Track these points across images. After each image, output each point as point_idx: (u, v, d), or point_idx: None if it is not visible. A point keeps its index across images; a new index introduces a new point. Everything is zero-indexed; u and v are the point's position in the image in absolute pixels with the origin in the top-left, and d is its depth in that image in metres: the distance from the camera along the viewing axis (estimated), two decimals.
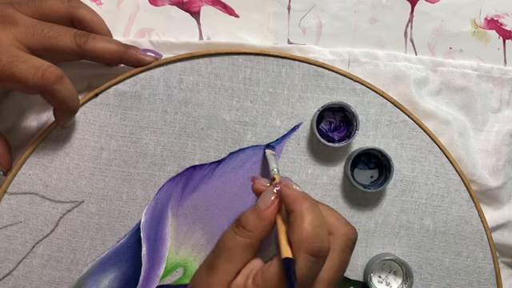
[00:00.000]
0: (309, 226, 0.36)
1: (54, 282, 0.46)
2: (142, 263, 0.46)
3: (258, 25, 0.50)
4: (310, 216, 0.36)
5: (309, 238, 0.36)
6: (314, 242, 0.36)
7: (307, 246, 0.36)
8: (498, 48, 0.51)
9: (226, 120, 0.47)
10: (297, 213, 0.37)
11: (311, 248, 0.36)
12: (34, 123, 0.47)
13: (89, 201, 0.46)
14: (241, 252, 0.38)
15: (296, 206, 0.37)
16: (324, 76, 0.47)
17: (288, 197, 0.38)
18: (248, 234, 0.38)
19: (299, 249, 0.36)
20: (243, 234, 0.38)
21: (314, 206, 0.37)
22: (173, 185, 0.47)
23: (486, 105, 0.50)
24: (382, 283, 0.47)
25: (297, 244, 0.36)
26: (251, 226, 0.38)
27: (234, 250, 0.38)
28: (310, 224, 0.36)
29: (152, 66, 0.46)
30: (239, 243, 0.38)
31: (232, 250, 0.38)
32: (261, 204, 0.39)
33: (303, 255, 0.36)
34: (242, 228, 0.38)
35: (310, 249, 0.36)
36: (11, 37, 0.41)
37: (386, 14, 0.50)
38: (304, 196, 0.38)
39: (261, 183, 0.42)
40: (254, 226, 0.38)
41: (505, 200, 0.50)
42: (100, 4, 0.49)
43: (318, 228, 0.36)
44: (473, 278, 0.48)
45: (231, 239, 0.39)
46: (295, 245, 0.36)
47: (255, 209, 0.39)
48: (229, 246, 0.38)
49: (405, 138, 0.48)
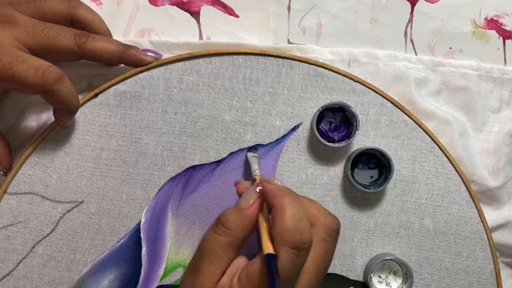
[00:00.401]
0: (289, 219, 0.35)
1: (54, 282, 0.46)
2: (141, 263, 0.46)
3: (258, 25, 0.50)
4: (290, 209, 0.36)
5: (289, 231, 0.35)
6: (294, 235, 0.35)
7: (288, 239, 0.35)
8: (498, 48, 0.51)
9: (226, 120, 0.47)
10: (277, 207, 0.36)
11: (292, 241, 0.35)
12: (33, 123, 0.47)
13: (89, 201, 0.46)
14: (222, 252, 0.37)
15: (276, 200, 0.37)
16: (324, 76, 0.47)
17: (269, 192, 0.38)
18: (228, 232, 0.37)
19: (280, 243, 0.35)
20: (223, 233, 0.38)
21: (294, 199, 0.37)
22: (173, 185, 0.47)
23: (486, 105, 0.50)
24: (381, 283, 0.47)
25: (278, 238, 0.35)
26: (232, 224, 0.38)
27: (216, 251, 0.37)
28: (291, 217, 0.36)
29: (152, 66, 0.46)
30: (220, 242, 0.37)
31: (213, 250, 0.37)
32: (242, 203, 0.38)
33: (284, 249, 0.35)
34: (222, 226, 0.38)
35: (290, 242, 0.35)
36: (11, 37, 0.41)
37: (386, 14, 0.50)
38: (284, 190, 0.38)
39: (243, 186, 0.42)
40: (234, 224, 0.38)
41: (505, 200, 0.50)
42: (100, 4, 0.49)
43: (298, 221, 0.36)
44: (473, 278, 0.48)
45: (212, 240, 0.38)
46: (276, 239, 0.35)
47: (236, 207, 0.38)
48: (210, 247, 0.38)
49: (405, 138, 0.48)
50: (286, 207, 0.36)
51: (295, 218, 0.36)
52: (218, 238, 0.38)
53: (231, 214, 0.38)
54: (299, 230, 0.35)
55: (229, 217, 0.38)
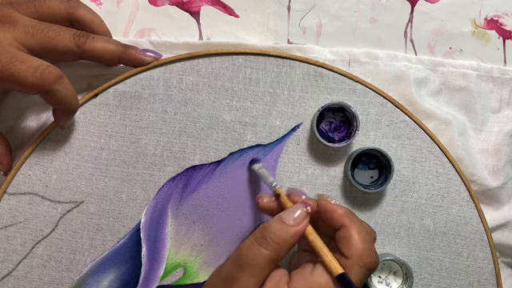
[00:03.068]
0: (365, 241, 0.37)
1: (54, 283, 0.46)
2: (141, 263, 0.46)
3: (258, 25, 0.50)
4: (362, 232, 0.38)
5: (366, 253, 0.37)
6: (370, 258, 0.37)
7: (364, 260, 0.37)
8: (498, 48, 0.51)
9: (226, 120, 0.47)
10: (350, 228, 0.37)
11: (369, 263, 0.37)
12: (33, 123, 0.47)
13: (89, 201, 0.46)
14: (266, 266, 0.37)
15: (345, 221, 0.38)
16: (324, 76, 0.47)
17: (334, 211, 0.38)
18: (275, 247, 0.37)
19: (357, 263, 0.36)
20: (271, 248, 0.37)
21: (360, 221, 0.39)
22: (173, 185, 0.46)
23: (486, 105, 0.50)
24: (381, 283, 0.47)
25: (355, 258, 0.37)
26: (279, 239, 0.37)
27: (260, 265, 0.37)
28: (366, 240, 0.37)
29: (152, 65, 0.46)
30: (266, 257, 0.37)
31: (257, 264, 0.37)
32: (289, 219, 0.38)
33: (360, 269, 0.36)
34: (271, 241, 0.37)
35: (367, 264, 0.37)
36: (10, 37, 0.41)
37: (386, 14, 0.50)
38: (350, 211, 0.39)
39: (266, 200, 0.42)
40: (282, 240, 0.37)
41: (505, 200, 0.50)
42: (100, 4, 0.49)
43: (370, 243, 0.38)
44: (473, 278, 0.48)
45: (257, 253, 0.37)
46: (353, 258, 0.37)
47: (283, 223, 0.38)
48: (254, 260, 0.37)
49: (405, 138, 0.48)
50: (360, 228, 0.38)
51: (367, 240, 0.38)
52: (264, 252, 0.37)
53: (279, 229, 0.37)
54: (374, 253, 0.38)
55: (277, 232, 0.37)
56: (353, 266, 0.36)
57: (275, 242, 0.37)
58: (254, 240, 0.38)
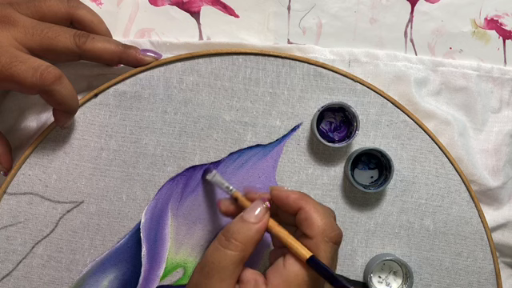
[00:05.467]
0: (324, 216, 0.38)
1: (54, 283, 0.46)
2: (141, 263, 0.46)
3: (258, 25, 0.50)
4: (321, 209, 0.38)
5: (328, 228, 0.37)
6: (334, 231, 0.38)
7: (330, 234, 0.37)
8: (498, 48, 0.51)
9: (226, 120, 0.47)
10: (309, 208, 0.38)
11: (334, 236, 0.37)
12: (33, 123, 0.47)
13: (88, 201, 0.46)
14: (235, 268, 0.37)
15: (301, 203, 0.38)
16: (324, 76, 0.47)
17: (288, 197, 0.39)
18: (240, 247, 0.37)
19: (323, 239, 0.37)
20: (236, 248, 0.37)
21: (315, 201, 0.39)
22: (173, 185, 0.46)
23: (486, 105, 0.50)
24: (382, 283, 0.47)
25: (320, 236, 0.37)
26: (243, 238, 0.37)
27: (228, 267, 0.37)
28: (325, 215, 0.38)
29: (152, 66, 0.46)
30: (232, 259, 0.37)
31: (225, 267, 0.37)
32: (251, 217, 0.38)
33: (327, 244, 0.37)
34: (235, 241, 0.37)
35: (333, 237, 0.37)
36: (10, 37, 0.41)
37: (386, 14, 0.50)
38: (303, 193, 0.39)
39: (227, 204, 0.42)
40: (246, 238, 0.37)
41: (505, 200, 0.50)
42: (100, 4, 0.49)
43: (330, 218, 0.38)
44: (473, 278, 0.48)
45: (222, 256, 0.37)
46: (318, 237, 0.37)
47: (245, 222, 0.38)
48: (220, 262, 0.37)
49: (405, 138, 0.48)
50: (317, 207, 0.38)
51: (327, 215, 0.38)
52: (230, 253, 0.37)
53: (242, 228, 0.38)
54: (336, 226, 0.38)
55: (240, 231, 0.37)
56: (319, 244, 0.37)
57: (240, 242, 0.37)
58: (219, 243, 0.37)
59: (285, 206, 0.39)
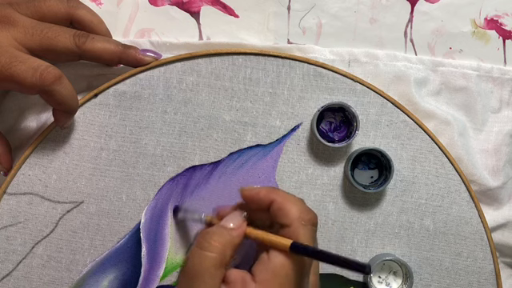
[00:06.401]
0: (297, 203, 0.39)
1: (54, 283, 0.46)
2: (141, 264, 0.46)
3: (258, 25, 0.50)
4: (291, 197, 0.39)
5: (303, 212, 0.38)
6: (308, 214, 0.38)
7: (306, 217, 0.38)
8: (498, 48, 0.51)
9: (226, 120, 0.47)
10: (280, 199, 0.39)
11: (310, 219, 0.38)
12: (33, 123, 0.47)
13: (88, 201, 0.46)
14: (215, 270, 0.37)
15: (272, 195, 0.39)
16: (324, 76, 0.47)
17: (258, 193, 0.40)
18: (220, 248, 0.37)
19: (301, 224, 0.37)
20: (215, 250, 0.37)
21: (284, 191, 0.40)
22: (173, 185, 0.46)
23: (486, 105, 0.50)
24: (381, 283, 0.47)
25: (297, 221, 0.38)
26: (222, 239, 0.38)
27: (208, 270, 0.36)
28: (297, 202, 0.39)
29: (152, 66, 0.46)
30: (212, 261, 0.37)
31: (205, 269, 0.37)
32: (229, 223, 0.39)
33: (305, 228, 0.37)
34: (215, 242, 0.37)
35: (309, 220, 0.38)
36: (10, 37, 0.41)
37: (386, 14, 0.50)
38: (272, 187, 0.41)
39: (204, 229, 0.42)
40: (225, 240, 0.38)
41: (505, 200, 0.50)
42: (100, 4, 0.49)
43: (302, 203, 0.39)
44: (473, 278, 0.48)
45: (202, 258, 0.37)
46: (295, 223, 0.37)
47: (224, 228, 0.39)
48: (201, 265, 0.37)
49: (405, 138, 0.48)
50: (288, 196, 0.39)
51: (298, 201, 0.39)
52: (209, 255, 0.37)
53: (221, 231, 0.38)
54: (310, 209, 0.39)
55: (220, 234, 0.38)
56: (298, 230, 0.37)
57: (219, 243, 0.37)
58: (198, 247, 0.38)
59: (257, 202, 0.40)
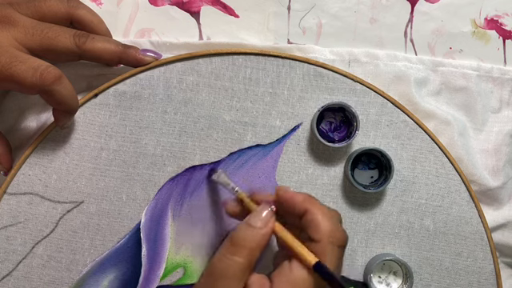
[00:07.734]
0: (331, 220, 0.37)
1: (54, 283, 0.46)
2: (141, 263, 0.46)
3: (258, 25, 0.50)
4: (327, 212, 0.38)
5: (334, 231, 0.37)
6: (340, 235, 0.37)
7: (335, 239, 0.37)
8: (498, 48, 0.51)
9: (226, 120, 0.47)
10: (313, 211, 0.37)
11: (340, 240, 0.37)
12: (33, 123, 0.47)
13: (88, 201, 0.46)
14: (242, 274, 0.36)
15: (307, 205, 0.38)
16: (324, 76, 0.47)
17: (293, 199, 0.38)
18: (247, 253, 0.36)
19: (328, 243, 0.36)
20: (242, 255, 0.36)
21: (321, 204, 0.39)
22: (173, 185, 0.46)
23: (486, 105, 0.50)
24: (382, 283, 0.47)
25: (325, 240, 0.36)
26: (250, 244, 0.37)
27: (235, 275, 0.36)
28: (331, 218, 0.37)
29: (152, 65, 0.46)
30: (239, 266, 0.36)
31: (232, 275, 0.36)
32: (256, 222, 0.37)
33: (333, 248, 0.36)
34: (242, 247, 0.36)
35: (338, 241, 0.37)
36: (10, 37, 0.41)
37: (386, 14, 0.50)
38: (309, 195, 0.39)
39: (232, 205, 0.41)
40: (253, 244, 0.37)
41: (505, 200, 0.50)
42: (100, 4, 0.49)
43: (336, 221, 0.38)
44: (473, 278, 0.48)
45: (229, 263, 0.36)
46: (324, 240, 0.36)
47: (250, 227, 0.37)
48: (228, 271, 0.36)
49: (405, 138, 0.48)
50: (324, 210, 0.37)
51: (333, 218, 0.37)
52: (237, 260, 0.36)
53: (248, 234, 0.37)
54: (342, 230, 0.38)
55: (246, 238, 0.37)
56: (325, 248, 0.36)
57: (247, 248, 0.36)
58: (225, 251, 0.37)
59: (290, 207, 0.38)
